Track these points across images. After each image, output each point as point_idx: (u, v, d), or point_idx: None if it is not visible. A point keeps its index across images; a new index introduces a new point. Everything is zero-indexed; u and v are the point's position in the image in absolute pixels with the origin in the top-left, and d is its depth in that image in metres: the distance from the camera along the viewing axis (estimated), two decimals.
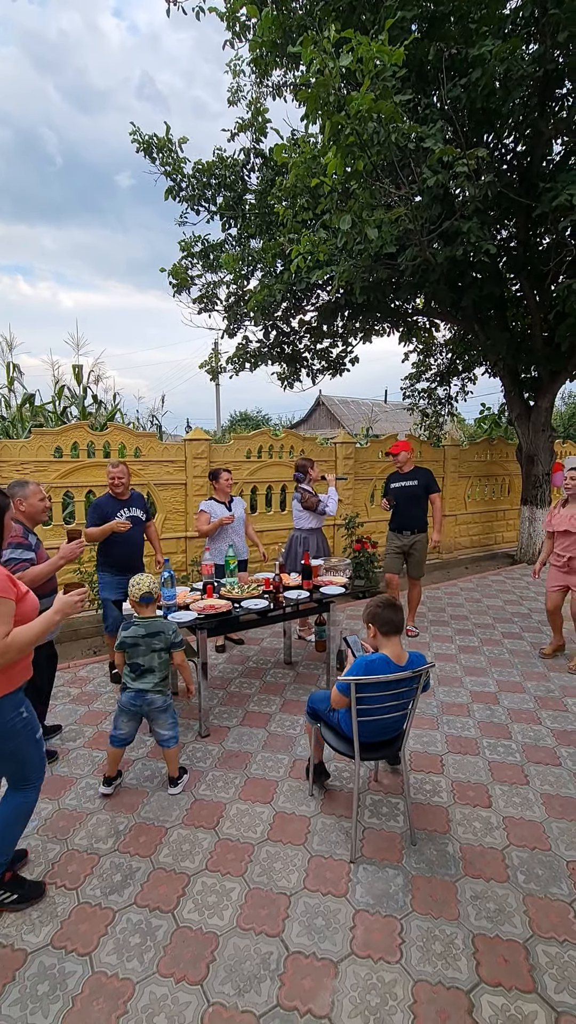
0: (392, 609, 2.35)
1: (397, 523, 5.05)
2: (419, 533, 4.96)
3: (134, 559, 4.03)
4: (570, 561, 4.20)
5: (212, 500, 4.50)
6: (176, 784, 2.74)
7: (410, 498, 4.96)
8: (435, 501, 5.01)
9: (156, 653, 2.67)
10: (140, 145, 6.70)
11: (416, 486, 4.96)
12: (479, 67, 4.61)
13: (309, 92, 3.89)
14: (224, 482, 4.48)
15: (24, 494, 2.86)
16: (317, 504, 4.64)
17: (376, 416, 24.65)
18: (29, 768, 2.03)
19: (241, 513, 4.56)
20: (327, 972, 1.79)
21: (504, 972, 1.80)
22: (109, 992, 1.73)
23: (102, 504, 3.89)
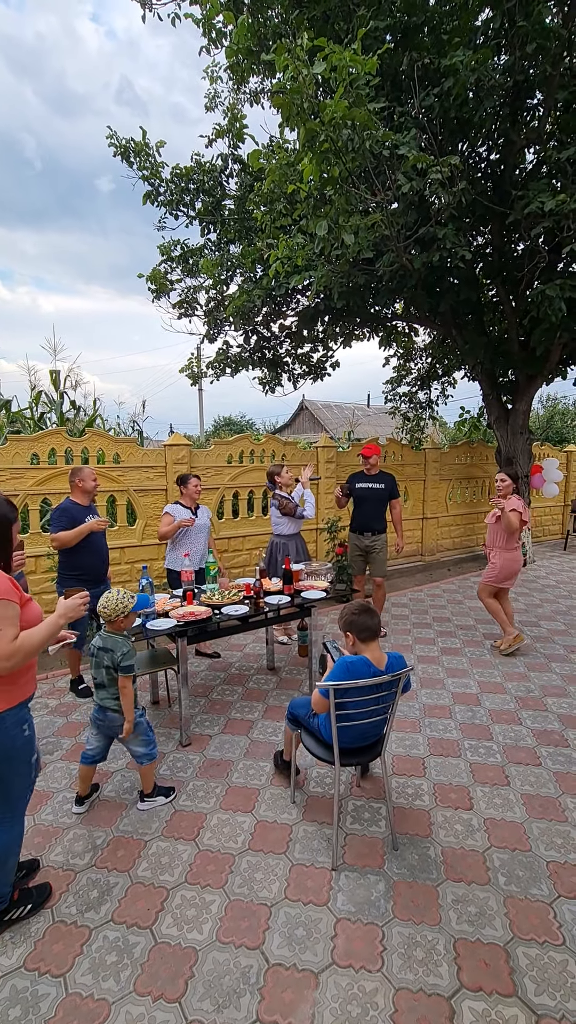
0: (368, 614, 2.34)
1: (359, 524, 5.20)
2: (379, 534, 5.11)
3: (103, 568, 3.93)
4: (486, 551, 4.82)
5: (178, 504, 4.38)
6: (144, 800, 2.66)
7: (375, 501, 5.11)
8: (395, 506, 5.18)
9: (104, 669, 2.52)
10: (117, 149, 6.66)
11: (383, 489, 5.10)
12: (451, 77, 4.68)
13: (284, 99, 3.91)
14: (192, 488, 4.35)
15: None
16: (295, 509, 4.65)
17: (358, 420, 24.79)
18: (13, 796, 1.94)
19: (205, 522, 4.44)
20: (308, 984, 1.77)
21: (485, 976, 1.79)
22: (84, 1014, 1.68)
23: (70, 508, 3.75)
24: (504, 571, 4.61)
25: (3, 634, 1.74)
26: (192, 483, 4.37)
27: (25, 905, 2.04)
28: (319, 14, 5.06)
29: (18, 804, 1.98)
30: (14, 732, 1.87)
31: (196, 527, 4.30)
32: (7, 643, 1.74)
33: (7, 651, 1.73)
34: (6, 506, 1.92)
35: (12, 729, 1.86)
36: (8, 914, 2.00)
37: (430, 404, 9.76)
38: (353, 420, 24.11)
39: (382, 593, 5.19)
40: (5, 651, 1.73)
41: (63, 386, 8.10)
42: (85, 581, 3.71)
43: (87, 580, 3.72)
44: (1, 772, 1.87)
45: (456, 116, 5.14)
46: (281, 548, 4.73)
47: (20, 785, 1.95)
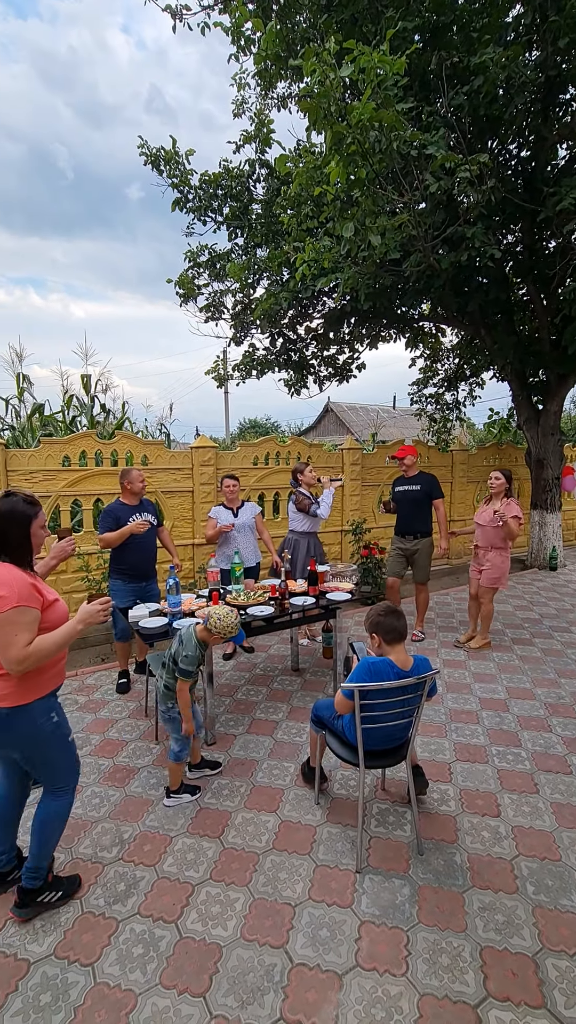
0: (394, 616, 2.32)
1: (400, 527, 5.12)
2: (422, 538, 4.98)
3: (148, 565, 4.06)
4: (478, 550, 4.77)
5: (220, 506, 4.52)
6: (169, 797, 2.70)
7: (411, 502, 4.98)
8: (438, 507, 5.02)
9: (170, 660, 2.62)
10: (148, 158, 6.80)
11: (418, 490, 4.96)
12: (481, 74, 4.64)
13: (311, 103, 3.93)
14: (225, 488, 4.49)
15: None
16: (309, 506, 4.66)
17: (384, 422, 24.63)
18: (61, 773, 2.05)
19: (247, 520, 4.53)
20: (331, 985, 1.77)
21: (513, 986, 1.76)
22: (111, 1003, 1.72)
23: (115, 510, 3.92)
24: (504, 571, 4.64)
25: (17, 639, 1.79)
26: (225, 484, 4.50)
27: (56, 891, 2.09)
28: (347, 17, 5.08)
29: (69, 778, 2.07)
30: (42, 720, 1.93)
31: (237, 526, 4.40)
32: (19, 648, 1.79)
33: (19, 656, 1.78)
34: (23, 503, 1.94)
35: (40, 718, 1.93)
36: (41, 895, 2.05)
37: (457, 405, 9.64)
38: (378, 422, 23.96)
39: (424, 597, 5.09)
40: (17, 656, 1.78)
41: (94, 390, 8.30)
42: (132, 577, 3.95)
43: (133, 576, 3.95)
44: (40, 754, 1.97)
45: (486, 114, 5.08)
46: (291, 544, 4.76)
47: (64, 761, 2.04)
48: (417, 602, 5.11)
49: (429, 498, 4.97)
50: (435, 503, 4.99)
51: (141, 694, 3.95)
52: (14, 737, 1.91)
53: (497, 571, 4.63)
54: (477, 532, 4.75)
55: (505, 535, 4.51)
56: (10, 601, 1.78)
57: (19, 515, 1.91)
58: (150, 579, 4.09)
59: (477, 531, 4.75)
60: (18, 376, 7.90)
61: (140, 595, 3.96)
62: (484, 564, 4.68)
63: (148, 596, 3.99)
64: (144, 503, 4.10)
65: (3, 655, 1.79)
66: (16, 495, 1.96)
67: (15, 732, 1.90)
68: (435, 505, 5.00)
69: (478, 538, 4.74)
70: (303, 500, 4.68)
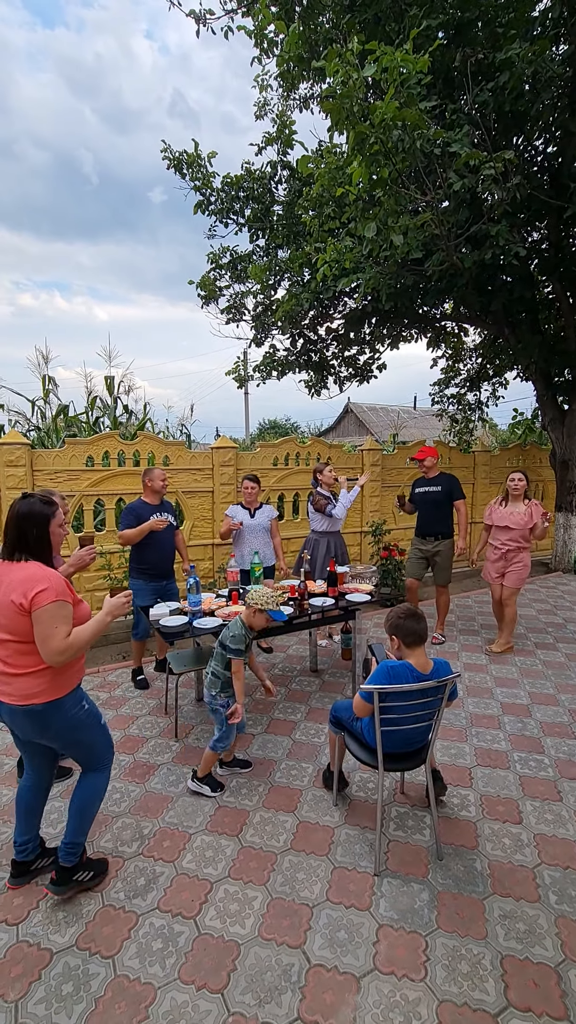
0: (415, 619, 2.30)
1: (420, 528, 5.08)
2: (443, 539, 4.93)
3: (167, 564, 4.11)
4: (507, 554, 4.63)
5: (238, 505, 4.56)
6: (193, 781, 2.77)
7: (432, 503, 4.93)
8: (460, 508, 4.95)
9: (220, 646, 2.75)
10: (171, 162, 6.88)
11: (439, 492, 4.90)
12: (507, 70, 4.56)
13: (333, 103, 3.93)
14: (244, 489, 4.53)
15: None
16: (325, 506, 4.66)
17: (404, 422, 24.42)
18: (98, 752, 2.17)
19: (262, 521, 4.55)
20: (349, 987, 1.76)
21: (534, 997, 1.73)
22: (131, 996, 1.74)
23: (136, 508, 3.97)
24: (527, 571, 4.62)
25: (58, 631, 1.87)
26: (244, 485, 4.54)
27: (90, 871, 2.17)
28: (370, 17, 5.06)
29: (102, 755, 2.19)
30: (74, 711, 2.03)
31: (248, 527, 4.43)
32: (61, 640, 1.87)
33: (61, 647, 1.87)
34: (40, 504, 2.00)
35: (72, 709, 2.02)
36: (76, 873, 2.12)
37: (479, 406, 9.50)
38: (398, 423, 23.78)
39: (445, 600, 5.04)
40: (59, 647, 1.87)
41: (117, 391, 8.43)
42: (152, 576, 4.01)
43: (153, 574, 4.01)
44: (78, 739, 2.08)
45: (511, 110, 5.00)
46: (310, 544, 4.79)
47: (99, 742, 2.16)
48: (438, 604, 5.06)
49: (450, 499, 4.90)
50: (456, 504, 4.92)
51: (161, 691, 3.99)
52: (53, 730, 2.00)
53: (525, 570, 4.61)
54: (504, 536, 4.62)
55: (539, 536, 4.50)
56: (51, 595, 1.86)
57: (37, 515, 1.97)
58: (169, 578, 4.15)
59: (504, 535, 4.62)
60: (44, 378, 8.07)
61: (160, 594, 4.01)
62: (514, 566, 4.61)
63: (168, 595, 4.04)
64: (164, 503, 4.15)
65: (45, 647, 1.86)
66: (33, 496, 2.03)
67: (53, 725, 1.99)
68: (456, 506, 4.93)
69: (507, 542, 4.61)
70: (320, 500, 4.70)
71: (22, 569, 1.91)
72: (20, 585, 1.86)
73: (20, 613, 1.86)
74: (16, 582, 1.88)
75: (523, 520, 4.53)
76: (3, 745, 3.29)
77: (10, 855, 2.24)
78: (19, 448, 4.80)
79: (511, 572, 4.62)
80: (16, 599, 1.85)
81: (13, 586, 1.87)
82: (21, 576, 1.89)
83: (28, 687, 1.92)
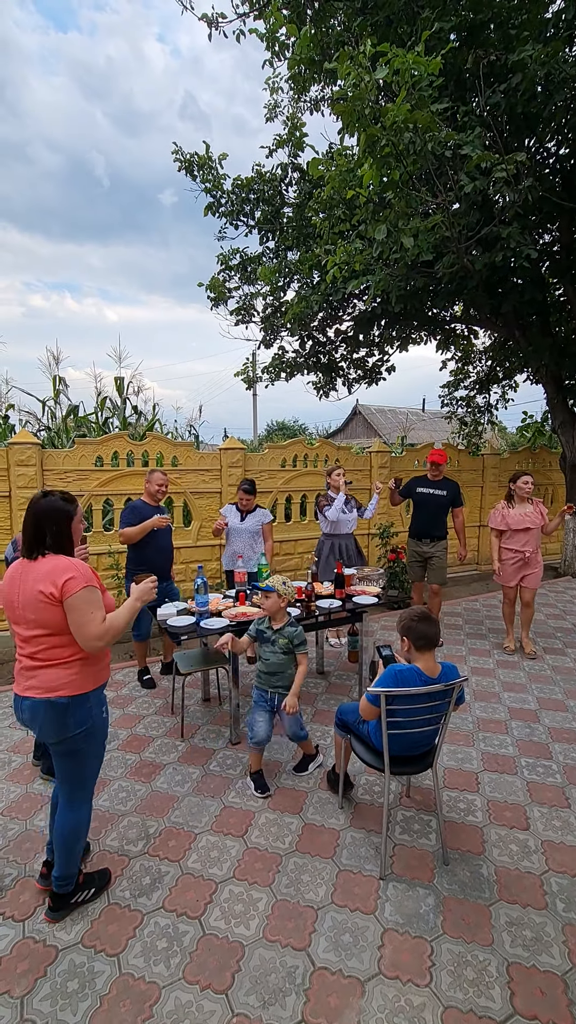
0: (428, 623, 2.28)
1: (418, 530, 5.13)
2: (439, 541, 5.03)
3: (167, 565, 4.12)
4: (529, 556, 4.60)
5: (232, 506, 4.56)
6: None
7: (436, 506, 5.03)
8: (458, 515, 5.08)
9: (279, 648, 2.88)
10: (182, 164, 6.91)
11: (444, 496, 5.02)
12: (519, 72, 4.54)
13: (344, 106, 3.93)
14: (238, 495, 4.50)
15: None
16: (324, 507, 4.72)
17: (412, 425, 24.35)
18: (87, 775, 2.07)
19: (251, 526, 4.47)
20: (353, 991, 1.75)
21: (541, 1005, 1.71)
22: (136, 995, 1.75)
23: (139, 507, 3.98)
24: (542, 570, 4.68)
25: (95, 616, 1.87)
26: (239, 497, 4.49)
27: (89, 889, 2.12)
28: (382, 19, 5.05)
29: (89, 784, 2.09)
30: (96, 711, 2.00)
31: (235, 529, 4.42)
32: (98, 624, 1.87)
33: (99, 631, 1.87)
34: (62, 501, 2.01)
35: (95, 708, 2.00)
36: (74, 896, 2.08)
37: (489, 408, 9.46)
38: (407, 425, 23.70)
39: (438, 601, 5.10)
40: (97, 631, 1.87)
41: (126, 392, 8.48)
42: None
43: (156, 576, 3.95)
44: (82, 748, 1.99)
45: (523, 112, 4.98)
46: (318, 546, 4.85)
47: (92, 766, 2.08)
48: (431, 605, 5.08)
49: (453, 505, 5.04)
50: (457, 510, 5.07)
51: (168, 691, 4.01)
52: (72, 726, 1.94)
53: (541, 570, 4.65)
54: (524, 538, 4.59)
55: (548, 531, 4.60)
56: (81, 581, 1.86)
57: (60, 512, 1.98)
58: (169, 579, 4.17)
59: (524, 537, 4.59)
60: (54, 378, 8.14)
61: (161, 594, 4.01)
62: (533, 567, 4.61)
63: (168, 595, 4.04)
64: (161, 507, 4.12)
65: (82, 632, 1.86)
66: (54, 494, 2.02)
67: (73, 721, 1.93)
68: (455, 512, 5.07)
69: (527, 543, 4.58)
70: (321, 501, 4.77)
71: (46, 562, 1.90)
72: (48, 576, 1.86)
73: (51, 603, 1.84)
74: (43, 574, 1.87)
75: (539, 519, 4.57)
76: (11, 742, 3.32)
77: (17, 853, 2.26)
78: (30, 448, 4.84)
79: (532, 574, 4.62)
80: (46, 588, 1.84)
81: (39, 578, 1.86)
82: (47, 568, 1.88)
83: (56, 678, 1.90)
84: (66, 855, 2.04)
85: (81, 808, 2.07)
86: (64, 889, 2.05)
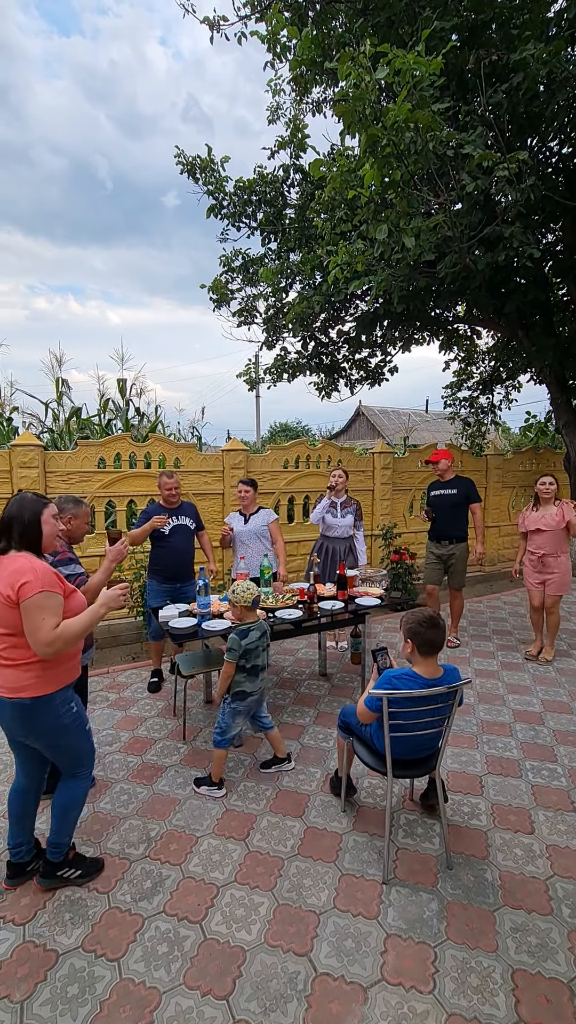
0: (434, 629, 2.24)
1: (435, 532, 5.03)
2: (458, 543, 4.90)
3: (180, 568, 4.08)
4: (543, 558, 4.56)
5: (236, 512, 4.48)
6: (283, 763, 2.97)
7: (449, 507, 4.92)
8: (475, 511, 4.95)
9: (265, 651, 2.84)
10: (184, 167, 6.92)
11: (455, 495, 4.91)
12: (521, 71, 4.53)
13: (345, 106, 3.92)
14: (237, 494, 4.41)
15: (77, 512, 2.87)
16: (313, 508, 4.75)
17: (415, 426, 24.30)
18: (80, 758, 2.15)
19: (256, 528, 4.37)
20: (356, 997, 1.73)
21: (546, 1013, 1.69)
22: (136, 1000, 1.73)
23: (150, 512, 4.00)
24: (570, 575, 4.56)
25: (45, 622, 1.87)
26: (237, 488, 4.41)
27: (76, 869, 2.19)
28: (383, 20, 5.05)
29: (87, 759, 2.18)
30: (62, 711, 2.03)
31: (240, 533, 4.32)
32: (48, 631, 1.87)
33: (48, 638, 1.86)
34: (32, 496, 2.05)
35: (60, 708, 2.02)
36: (61, 870, 2.16)
37: (492, 409, 9.41)
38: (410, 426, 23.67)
39: (459, 604, 5.03)
40: (47, 638, 1.86)
41: (129, 394, 8.49)
42: (166, 578, 4.04)
43: (165, 576, 4.04)
44: (62, 742, 2.06)
45: (525, 111, 4.96)
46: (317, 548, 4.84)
47: (82, 747, 2.14)
48: (452, 608, 5.03)
49: (467, 502, 4.92)
50: (473, 507, 4.94)
51: (170, 693, 4.00)
52: (38, 727, 1.99)
53: (567, 576, 4.55)
54: (539, 539, 4.57)
55: (574, 534, 4.49)
56: (36, 587, 1.86)
57: (28, 507, 2.01)
58: (185, 581, 4.12)
59: (539, 538, 4.57)
60: (57, 380, 8.15)
61: (173, 596, 4.01)
62: (553, 571, 4.55)
63: (181, 597, 4.03)
64: (184, 505, 4.14)
65: (33, 638, 1.87)
66: (26, 493, 2.08)
67: (39, 722, 1.98)
68: (472, 509, 4.94)
69: (542, 545, 4.56)
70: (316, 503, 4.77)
71: (12, 561, 1.93)
72: (8, 578, 1.89)
73: (9, 606, 1.87)
74: (4, 575, 1.90)
75: (555, 521, 4.49)
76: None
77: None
78: (32, 450, 4.84)
79: (552, 579, 4.55)
80: (3, 590, 1.87)
81: (2, 578, 1.90)
82: (10, 569, 1.91)
83: (17, 679, 1.93)
84: (60, 823, 2.14)
85: (78, 784, 2.17)
86: (55, 857, 2.16)
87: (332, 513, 4.64)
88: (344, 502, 4.71)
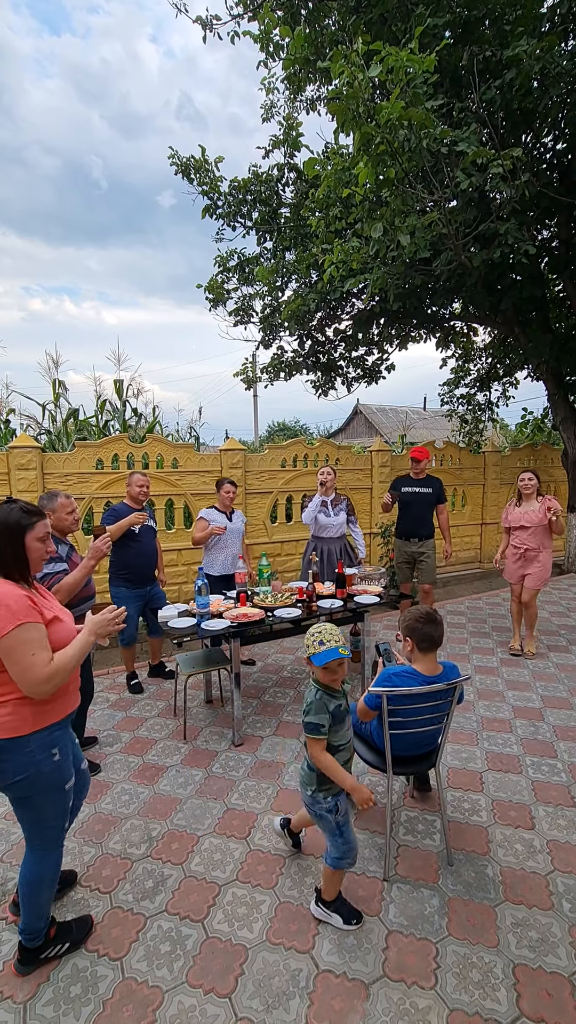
0: (432, 625, 2.25)
1: (405, 529, 5.08)
2: (426, 540, 5.01)
3: (149, 570, 4.03)
4: (526, 552, 4.61)
5: (213, 508, 4.38)
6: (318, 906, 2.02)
7: (423, 504, 5.00)
8: (441, 511, 5.05)
9: None
10: (178, 167, 6.91)
11: (430, 493, 4.99)
12: (514, 67, 4.53)
13: (339, 105, 3.92)
14: (223, 493, 4.35)
15: (52, 507, 2.84)
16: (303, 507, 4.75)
17: (413, 423, 24.32)
18: (47, 825, 1.79)
19: (239, 526, 4.41)
20: (358, 994, 1.74)
21: (548, 1007, 1.69)
22: (139, 999, 1.73)
23: (120, 510, 3.89)
24: (548, 572, 4.62)
25: (37, 659, 1.61)
26: (224, 489, 4.35)
27: (63, 943, 1.89)
28: (376, 17, 5.04)
29: (49, 832, 1.81)
30: (40, 757, 1.70)
31: (229, 532, 4.31)
32: (43, 667, 1.62)
33: (44, 675, 1.62)
34: (18, 513, 1.74)
35: (38, 753, 1.69)
36: (44, 952, 1.85)
37: (490, 406, 9.43)
38: (408, 424, 23.68)
39: (430, 601, 5.07)
40: (43, 675, 1.62)
41: (126, 394, 8.47)
42: (136, 582, 3.93)
43: (136, 580, 3.93)
44: (28, 796, 1.72)
45: (519, 107, 4.96)
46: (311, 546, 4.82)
47: (52, 813, 1.78)
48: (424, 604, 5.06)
49: (439, 502, 5.02)
50: (440, 507, 5.04)
51: (170, 693, 4.00)
52: (8, 772, 1.67)
53: (547, 571, 4.60)
54: (523, 535, 4.62)
55: (557, 531, 4.52)
56: (9, 621, 1.59)
57: (12, 526, 1.71)
58: (152, 583, 4.07)
59: (523, 534, 4.62)
60: (54, 382, 8.14)
61: (146, 600, 3.99)
62: (534, 566, 4.59)
63: (153, 599, 4.01)
64: (146, 507, 4.06)
65: (27, 679, 1.61)
66: (16, 503, 1.77)
67: (10, 767, 1.67)
68: (439, 509, 5.04)
69: (525, 540, 4.60)
70: (305, 501, 4.78)
71: None
72: None
73: None
74: None
75: (537, 517, 4.53)
76: None
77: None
78: (30, 451, 4.84)
79: (531, 573, 4.60)
80: None
81: None
82: None
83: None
84: (28, 906, 1.80)
85: (44, 858, 1.81)
86: (32, 943, 1.83)
87: (325, 512, 4.63)
88: (334, 499, 4.70)
